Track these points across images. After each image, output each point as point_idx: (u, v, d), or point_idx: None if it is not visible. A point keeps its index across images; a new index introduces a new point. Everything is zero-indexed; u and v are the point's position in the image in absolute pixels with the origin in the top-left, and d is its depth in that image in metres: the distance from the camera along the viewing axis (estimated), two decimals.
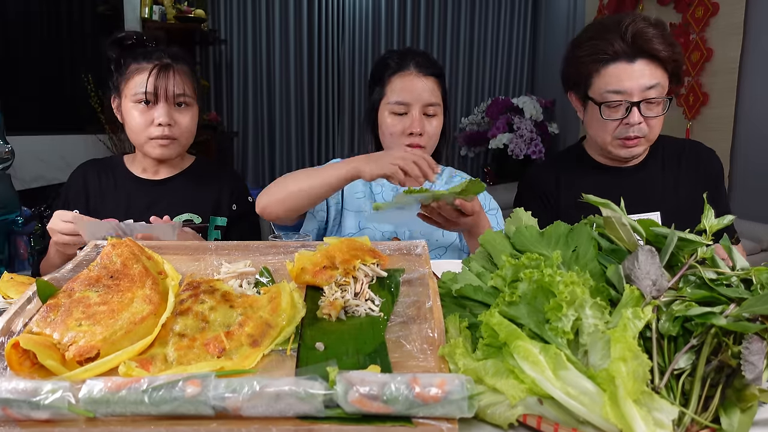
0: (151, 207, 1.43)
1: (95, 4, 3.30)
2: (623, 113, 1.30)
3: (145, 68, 1.36)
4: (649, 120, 1.31)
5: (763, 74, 3.07)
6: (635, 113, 1.29)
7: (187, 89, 1.41)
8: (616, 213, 0.73)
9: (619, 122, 1.31)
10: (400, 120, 1.40)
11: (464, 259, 0.81)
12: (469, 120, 4.98)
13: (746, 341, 0.56)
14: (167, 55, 1.40)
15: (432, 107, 1.40)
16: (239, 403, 0.53)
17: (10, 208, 1.40)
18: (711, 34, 3.34)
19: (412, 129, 1.38)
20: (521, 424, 0.58)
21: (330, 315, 0.76)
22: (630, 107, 1.29)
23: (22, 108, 2.60)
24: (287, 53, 4.57)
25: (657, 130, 1.35)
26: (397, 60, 1.43)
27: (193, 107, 1.43)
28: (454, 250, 1.48)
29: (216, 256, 0.95)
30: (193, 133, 1.46)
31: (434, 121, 1.41)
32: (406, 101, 1.38)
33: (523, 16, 5.08)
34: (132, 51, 1.41)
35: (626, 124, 1.31)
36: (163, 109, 1.36)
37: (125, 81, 1.38)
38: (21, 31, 2.67)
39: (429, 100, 1.39)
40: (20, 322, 0.71)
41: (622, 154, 1.36)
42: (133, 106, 1.37)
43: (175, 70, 1.38)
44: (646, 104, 1.29)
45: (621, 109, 1.30)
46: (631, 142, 1.33)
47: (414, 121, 1.38)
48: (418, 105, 1.38)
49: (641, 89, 1.28)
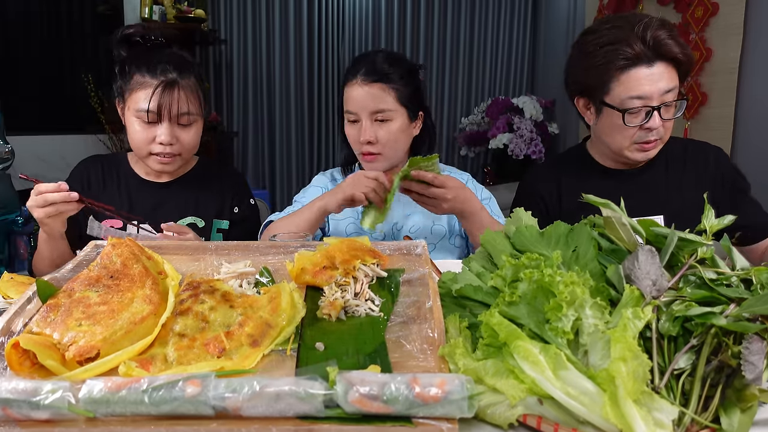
0: (154, 209, 1.43)
1: (95, 4, 3.30)
2: (643, 118, 1.29)
3: (150, 84, 1.30)
4: (665, 122, 1.30)
5: (763, 74, 3.07)
6: (656, 118, 1.28)
7: (192, 107, 1.35)
8: (616, 213, 0.73)
9: (639, 127, 1.30)
10: (354, 128, 1.42)
11: (464, 259, 0.81)
12: (469, 120, 4.97)
13: (746, 341, 0.56)
14: (173, 67, 1.33)
15: (381, 113, 1.39)
16: (239, 403, 0.53)
17: (10, 208, 1.40)
18: (711, 34, 3.34)
19: (362, 137, 1.40)
20: (521, 424, 0.58)
21: (330, 315, 0.76)
22: (651, 112, 1.27)
23: (22, 108, 2.60)
24: (287, 53, 4.57)
25: (670, 131, 1.35)
26: (351, 68, 1.44)
27: (197, 123, 1.39)
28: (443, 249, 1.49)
29: (216, 256, 0.95)
30: (196, 146, 1.42)
31: (390, 125, 1.40)
32: (353, 110, 1.41)
33: (523, 16, 5.07)
34: (137, 58, 1.34)
35: (646, 129, 1.30)
36: (165, 129, 1.32)
37: (129, 92, 1.34)
38: (21, 31, 2.67)
39: (376, 107, 1.38)
40: (20, 322, 0.71)
41: (638, 157, 1.35)
42: (136, 120, 1.33)
43: (180, 87, 1.32)
44: (664, 108, 1.28)
45: (641, 114, 1.29)
46: (649, 145, 1.32)
47: (364, 130, 1.40)
48: (365, 113, 1.39)
49: (660, 93, 1.26)
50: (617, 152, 1.37)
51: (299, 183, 4.61)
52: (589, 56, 1.32)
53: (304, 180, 4.51)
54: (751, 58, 3.15)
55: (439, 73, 4.96)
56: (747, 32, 3.16)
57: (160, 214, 1.42)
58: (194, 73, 1.37)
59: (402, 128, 1.43)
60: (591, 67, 1.32)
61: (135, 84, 1.32)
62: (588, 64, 1.33)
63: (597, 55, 1.30)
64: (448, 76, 4.99)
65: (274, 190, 4.70)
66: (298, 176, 4.73)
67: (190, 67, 1.37)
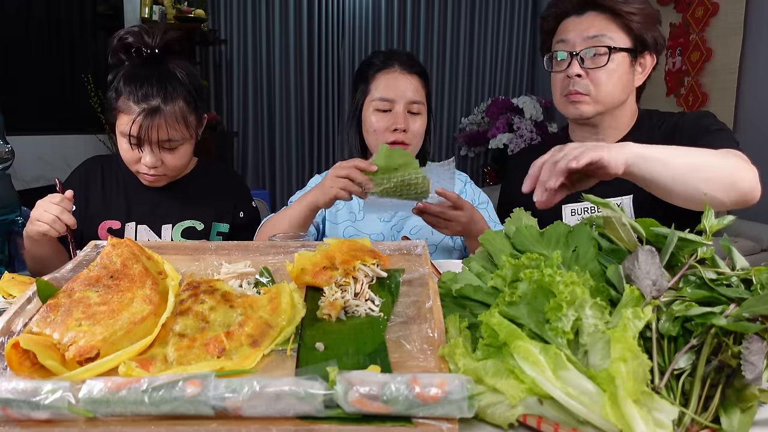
0: (153, 211, 1.42)
1: (95, 4, 3.30)
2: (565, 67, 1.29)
3: (133, 110, 1.26)
4: (593, 74, 1.26)
5: (763, 74, 3.07)
6: (575, 64, 1.27)
7: (176, 133, 1.30)
8: (616, 213, 0.73)
9: (563, 76, 1.29)
10: (384, 117, 1.41)
11: (464, 259, 0.81)
12: (469, 120, 4.98)
13: (746, 341, 0.56)
14: (157, 91, 1.26)
15: (416, 105, 1.41)
16: (239, 403, 0.53)
17: (10, 208, 1.39)
18: (711, 34, 3.34)
19: (396, 125, 1.39)
20: (521, 424, 0.58)
21: (330, 315, 0.76)
22: (571, 59, 1.27)
23: (22, 108, 2.60)
24: (287, 53, 4.57)
25: (606, 88, 1.27)
26: (382, 58, 1.45)
27: (184, 145, 1.35)
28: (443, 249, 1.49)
29: (216, 257, 0.95)
30: (184, 166, 1.40)
31: (418, 119, 1.43)
32: (390, 98, 1.40)
33: (523, 16, 5.07)
34: (126, 77, 1.28)
35: (567, 77, 1.28)
36: (148, 153, 1.30)
37: (116, 110, 1.30)
38: (21, 31, 2.67)
39: (413, 97, 1.41)
40: (20, 322, 0.71)
41: (570, 112, 1.32)
42: (122, 139, 1.30)
43: (163, 114, 1.26)
44: (590, 57, 1.26)
45: (564, 63, 1.29)
46: (573, 96, 1.29)
47: (398, 118, 1.39)
48: (403, 102, 1.40)
49: (584, 39, 1.25)
50: (558, 109, 1.37)
51: (299, 183, 4.61)
52: (541, 19, 1.38)
53: (303, 180, 4.51)
54: (751, 58, 3.15)
55: (439, 73, 4.96)
56: (747, 32, 3.16)
57: (159, 216, 1.42)
58: (182, 96, 1.30)
59: (425, 124, 1.45)
60: (542, 28, 1.37)
61: (121, 105, 1.28)
62: (541, 27, 1.38)
63: (544, 15, 1.36)
64: (448, 76, 4.99)
65: (274, 190, 4.71)
66: (298, 176, 4.73)
67: (177, 90, 1.29)
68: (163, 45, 1.32)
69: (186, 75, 1.33)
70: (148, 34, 1.31)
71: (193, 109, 1.34)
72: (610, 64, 1.26)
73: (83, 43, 3.18)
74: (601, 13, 1.26)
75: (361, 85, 1.47)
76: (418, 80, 1.43)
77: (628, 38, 1.27)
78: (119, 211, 1.42)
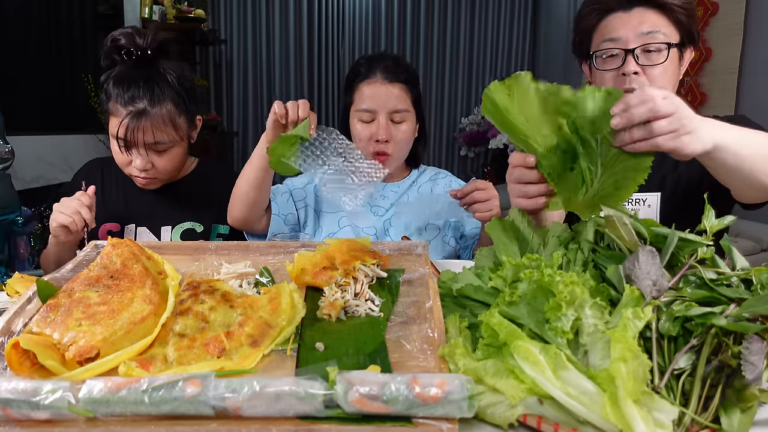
0: (152, 212, 1.42)
1: (95, 4, 3.30)
2: (619, 64, 1.22)
3: (120, 113, 1.26)
4: (649, 71, 1.22)
5: (763, 74, 3.07)
6: (630, 61, 1.21)
7: (164, 136, 1.29)
8: (617, 212, 0.73)
9: (617, 74, 1.23)
10: (368, 127, 1.42)
11: (477, 251, 0.83)
12: (469, 120, 4.98)
13: (746, 341, 0.56)
14: (144, 93, 1.26)
15: (399, 114, 1.41)
16: (239, 403, 0.53)
17: (10, 208, 1.39)
18: (711, 34, 3.34)
19: (378, 136, 1.40)
20: (521, 424, 0.58)
21: (330, 315, 0.76)
22: (625, 56, 1.21)
23: (22, 108, 2.60)
24: (287, 53, 4.57)
25: (662, 84, 1.22)
26: (366, 67, 1.45)
27: (174, 148, 1.33)
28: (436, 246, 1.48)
29: (216, 256, 0.95)
30: (175, 168, 1.39)
31: (402, 126, 1.43)
32: (371, 108, 1.40)
33: (523, 16, 5.07)
34: (115, 79, 1.28)
35: (622, 75, 1.23)
36: (138, 157, 1.30)
37: (107, 114, 1.30)
38: (21, 31, 2.67)
39: (395, 107, 1.40)
40: (20, 322, 0.71)
41: None
42: (113, 142, 1.30)
43: (150, 117, 1.25)
44: (644, 53, 1.21)
45: (617, 60, 1.23)
46: None
47: (380, 128, 1.40)
48: (384, 112, 1.40)
49: (637, 35, 1.20)
50: None
51: None
52: (579, 17, 1.31)
53: None
54: (751, 58, 3.15)
55: (439, 74, 4.96)
56: (747, 32, 3.16)
57: (158, 217, 1.42)
58: (171, 98, 1.29)
59: (412, 130, 1.46)
60: (578, 24, 1.31)
61: (111, 107, 1.28)
62: (578, 25, 1.32)
63: (582, 11, 1.30)
64: (448, 76, 4.99)
65: None
66: None
67: (165, 92, 1.28)
68: (156, 46, 1.31)
69: (176, 77, 1.32)
70: (139, 36, 1.30)
71: (183, 111, 1.33)
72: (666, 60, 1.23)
73: (83, 43, 3.18)
74: (650, 8, 1.22)
75: (347, 93, 1.49)
76: (401, 88, 1.42)
77: (677, 32, 1.24)
78: (118, 213, 1.42)
